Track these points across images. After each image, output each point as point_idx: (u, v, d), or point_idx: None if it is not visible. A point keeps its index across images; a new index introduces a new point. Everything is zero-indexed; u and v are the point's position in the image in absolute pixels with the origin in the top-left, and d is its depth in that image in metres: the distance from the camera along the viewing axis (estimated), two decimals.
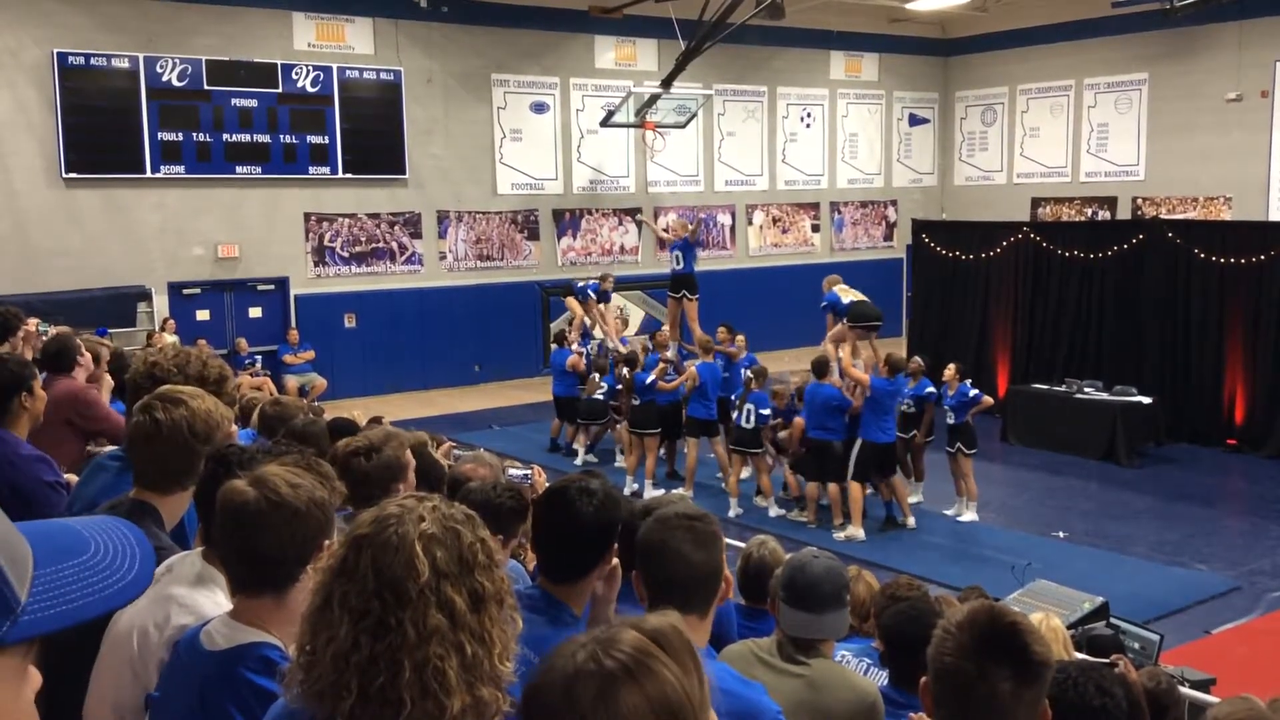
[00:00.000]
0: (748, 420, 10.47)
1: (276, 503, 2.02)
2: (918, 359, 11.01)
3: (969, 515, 10.53)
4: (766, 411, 10.43)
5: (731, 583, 2.45)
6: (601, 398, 12.46)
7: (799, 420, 10.38)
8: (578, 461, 12.75)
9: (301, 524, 2.02)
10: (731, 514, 10.38)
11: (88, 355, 4.98)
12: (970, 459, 10.49)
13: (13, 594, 0.81)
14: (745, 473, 11.02)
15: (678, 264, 13.32)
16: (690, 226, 13.70)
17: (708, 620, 2.37)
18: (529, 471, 5.38)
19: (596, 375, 12.64)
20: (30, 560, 0.84)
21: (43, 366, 5.00)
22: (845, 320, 11.00)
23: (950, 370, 10.69)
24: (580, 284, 14.63)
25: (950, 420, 10.56)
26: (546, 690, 1.24)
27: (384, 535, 1.50)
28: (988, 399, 10.63)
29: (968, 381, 10.64)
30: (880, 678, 3.22)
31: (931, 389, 10.53)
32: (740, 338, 12.04)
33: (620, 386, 12.15)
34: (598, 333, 14.51)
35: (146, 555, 0.97)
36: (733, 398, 11.04)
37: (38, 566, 0.84)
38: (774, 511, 10.73)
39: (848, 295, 11.13)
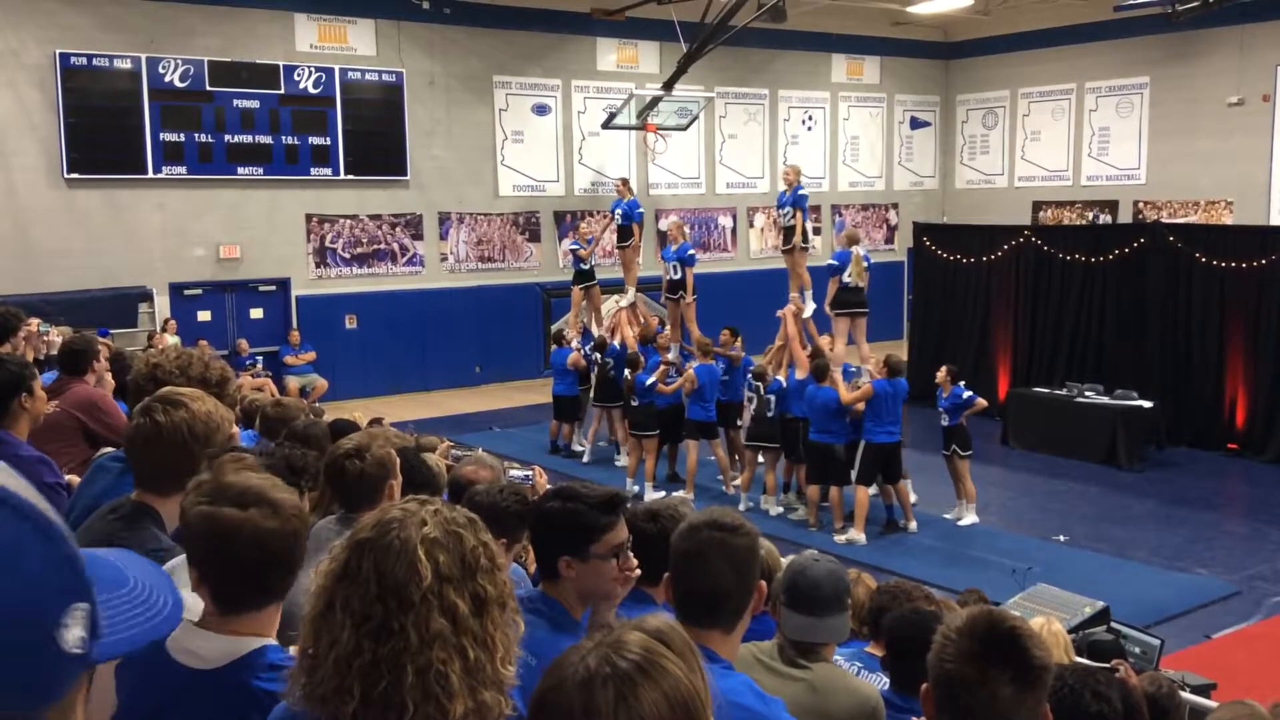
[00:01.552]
0: (770, 409, 10.53)
1: (271, 522, 2.00)
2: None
3: (969, 518, 10.53)
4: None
5: (764, 594, 2.39)
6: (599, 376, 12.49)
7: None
8: (585, 460, 12.76)
9: (291, 532, 2.02)
10: (741, 509, 10.37)
11: (103, 362, 4.97)
12: (966, 461, 10.50)
13: (99, 619, 0.86)
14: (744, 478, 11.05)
15: (674, 273, 13.32)
16: (686, 230, 13.68)
17: (734, 635, 2.32)
18: (530, 473, 5.39)
19: (594, 353, 12.75)
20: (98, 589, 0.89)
21: (58, 366, 5.00)
22: (833, 306, 11.43)
23: (942, 373, 10.72)
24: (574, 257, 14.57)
25: (944, 423, 10.58)
26: (562, 697, 1.25)
27: (386, 539, 1.50)
28: (981, 401, 10.63)
29: (961, 384, 10.67)
30: (877, 681, 3.22)
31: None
32: (738, 340, 12.02)
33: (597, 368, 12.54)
34: (595, 330, 14.49)
35: (176, 592, 1.01)
36: (746, 400, 11.07)
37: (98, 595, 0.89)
38: (774, 510, 10.74)
39: (851, 271, 11.20)
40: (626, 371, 11.82)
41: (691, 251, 13.47)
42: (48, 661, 0.80)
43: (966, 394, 10.52)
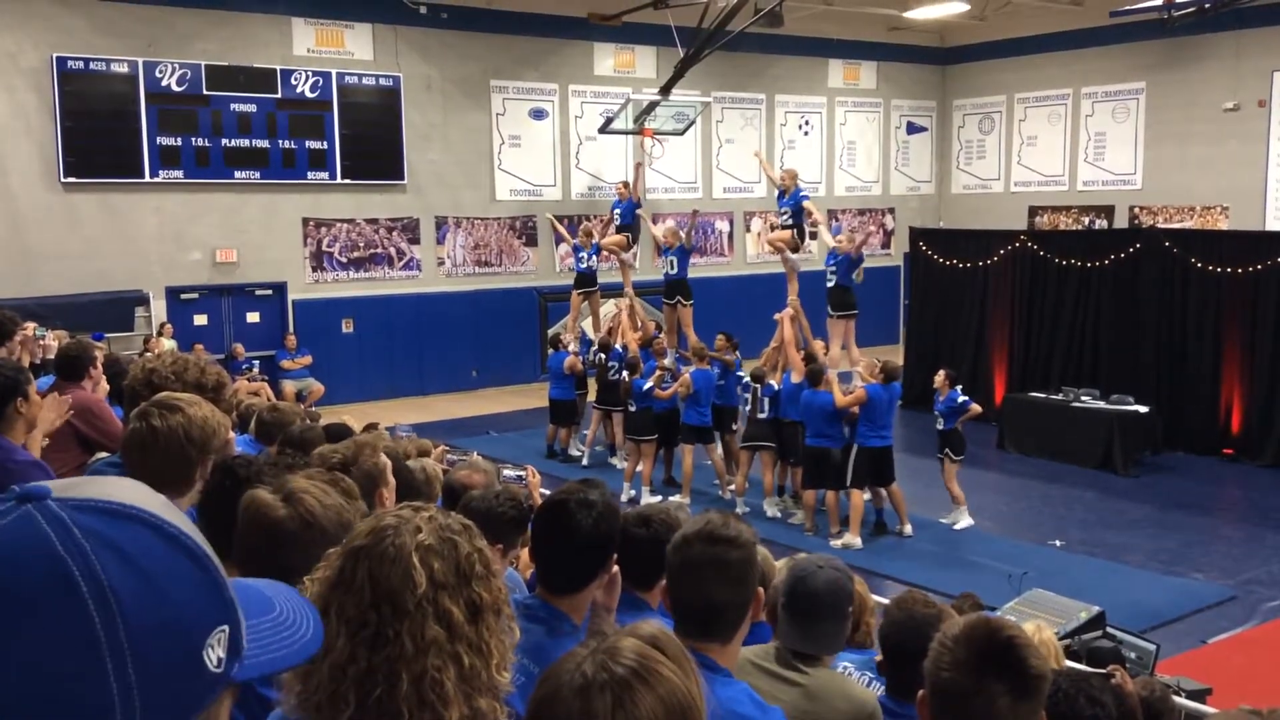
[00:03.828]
0: (764, 410, 10.55)
1: (308, 521, 2.00)
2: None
3: (965, 522, 10.54)
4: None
5: (762, 601, 2.36)
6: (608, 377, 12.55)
7: None
8: (584, 463, 12.77)
9: (329, 545, 2.01)
10: (738, 512, 10.36)
11: (100, 368, 4.96)
12: (956, 465, 10.53)
13: (241, 640, 0.93)
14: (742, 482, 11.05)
15: (671, 269, 13.33)
16: (682, 234, 13.71)
17: (733, 645, 2.30)
18: (523, 472, 5.42)
19: (598, 354, 12.86)
20: (243, 612, 0.96)
21: (54, 371, 5.00)
22: (828, 308, 11.61)
23: (940, 377, 10.75)
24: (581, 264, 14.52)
25: (939, 426, 10.62)
26: (558, 704, 1.25)
27: (381, 546, 1.50)
28: (976, 407, 10.64)
29: (958, 388, 10.70)
30: (880, 689, 3.21)
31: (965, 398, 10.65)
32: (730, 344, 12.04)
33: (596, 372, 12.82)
34: (592, 334, 14.49)
35: (316, 620, 1.09)
36: (741, 402, 11.10)
37: (245, 619, 0.96)
38: (771, 511, 10.74)
39: (858, 273, 11.36)
40: (624, 374, 11.84)
41: (688, 250, 13.56)
42: (192, 679, 0.87)
43: (962, 398, 10.55)
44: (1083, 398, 13.41)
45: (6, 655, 0.79)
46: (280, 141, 15.78)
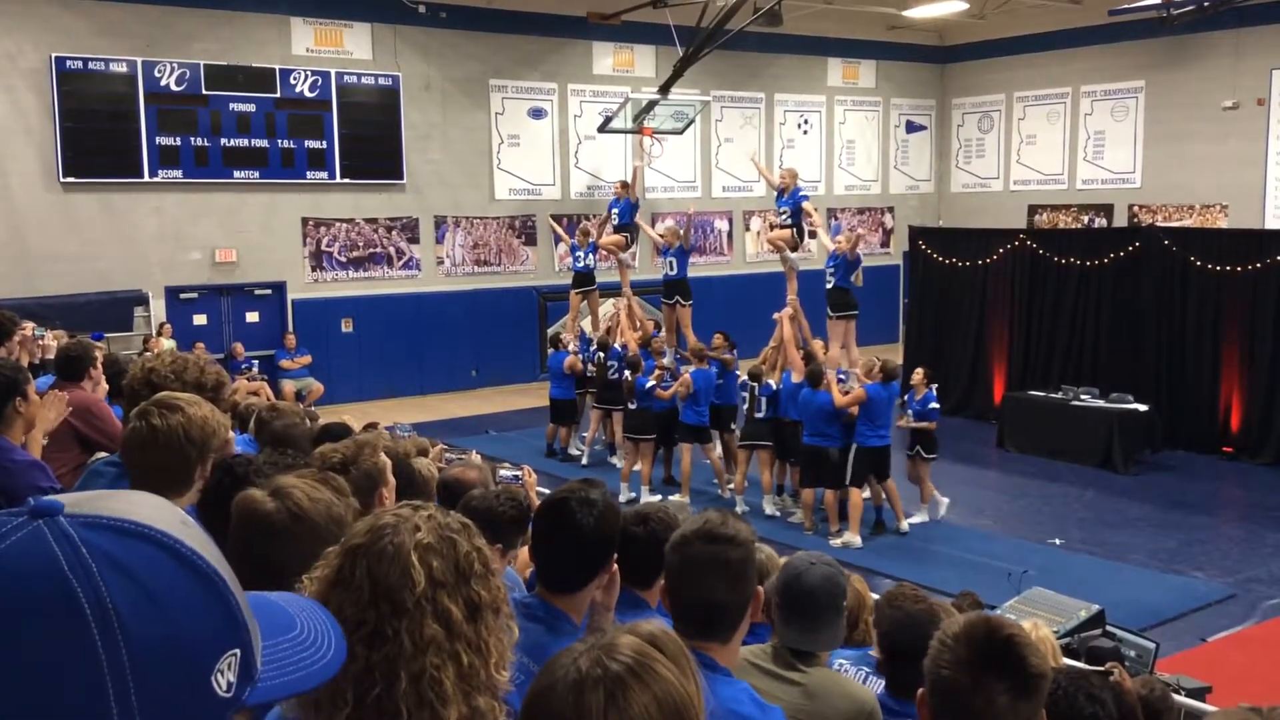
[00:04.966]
0: (761, 409, 10.55)
1: (297, 515, 2.01)
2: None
3: (943, 511, 10.54)
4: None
5: (761, 600, 2.35)
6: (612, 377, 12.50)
7: None
8: (583, 463, 12.77)
9: (319, 540, 2.01)
10: (738, 510, 10.36)
11: (100, 368, 4.96)
12: (929, 464, 10.54)
13: (255, 663, 0.90)
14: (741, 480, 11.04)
15: (671, 269, 13.32)
16: (681, 233, 13.71)
17: (733, 644, 2.29)
18: (519, 472, 5.43)
19: (597, 352, 12.84)
20: (259, 633, 0.93)
21: (55, 372, 5.00)
22: (828, 309, 11.64)
23: (919, 375, 10.79)
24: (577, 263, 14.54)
25: (912, 423, 10.67)
26: (553, 699, 1.25)
27: (379, 545, 1.50)
28: (931, 424, 10.56)
29: (933, 388, 10.72)
30: (878, 686, 3.21)
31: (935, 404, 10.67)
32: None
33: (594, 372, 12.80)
34: (590, 330, 14.48)
35: (340, 638, 1.06)
36: (740, 401, 11.10)
37: (262, 639, 0.93)
38: (770, 510, 10.74)
39: (858, 274, 11.35)
40: (626, 373, 11.84)
41: (687, 250, 13.56)
42: (198, 703, 0.85)
43: (934, 404, 10.60)
44: (1082, 396, 13.41)
45: (6, 673, 0.78)
46: (279, 141, 15.78)
